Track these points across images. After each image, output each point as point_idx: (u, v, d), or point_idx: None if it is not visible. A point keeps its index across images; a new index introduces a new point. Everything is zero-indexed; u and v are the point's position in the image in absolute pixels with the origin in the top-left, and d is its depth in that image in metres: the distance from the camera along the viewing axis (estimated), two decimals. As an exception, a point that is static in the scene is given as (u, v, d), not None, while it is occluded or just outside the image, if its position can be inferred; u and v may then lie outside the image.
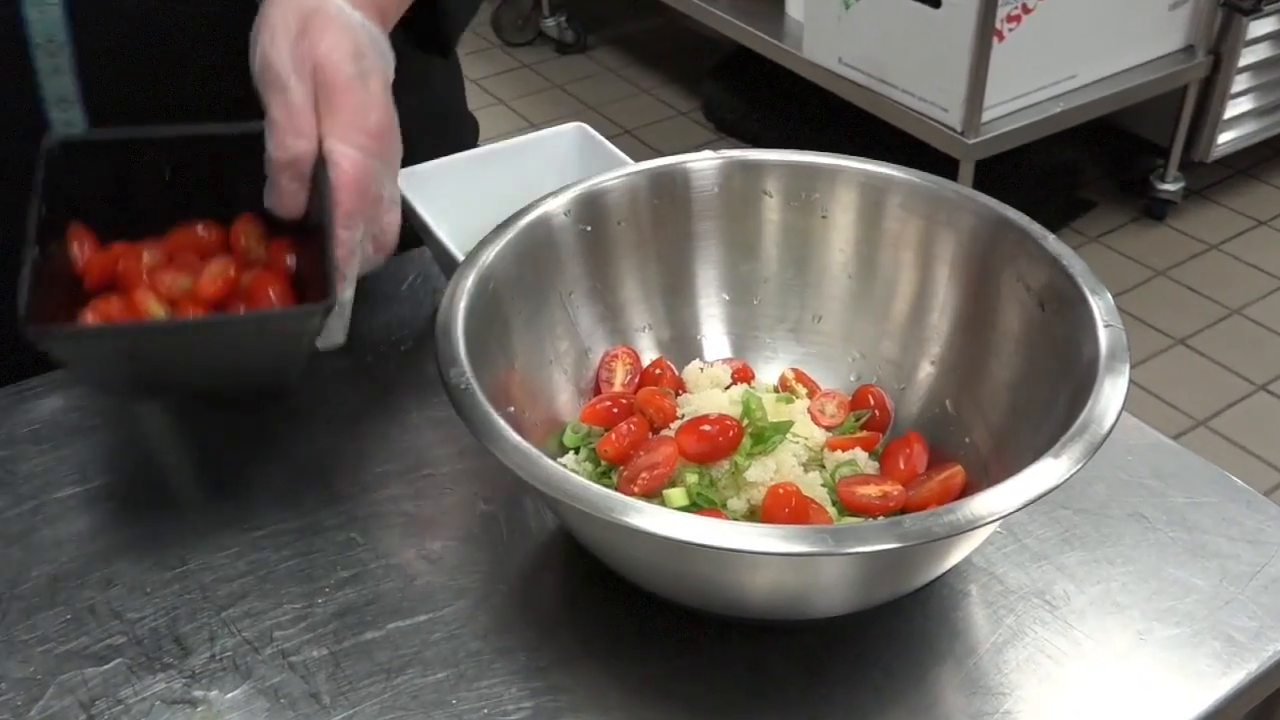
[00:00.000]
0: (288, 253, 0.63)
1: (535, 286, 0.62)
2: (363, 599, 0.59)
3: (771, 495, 0.57)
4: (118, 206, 0.63)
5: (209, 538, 0.62)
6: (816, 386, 0.67)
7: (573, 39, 3.10)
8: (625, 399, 0.64)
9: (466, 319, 0.56)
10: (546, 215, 0.62)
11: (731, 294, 0.67)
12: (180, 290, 0.60)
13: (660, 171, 0.64)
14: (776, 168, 0.65)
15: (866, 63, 2.15)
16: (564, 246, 0.63)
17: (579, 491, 0.48)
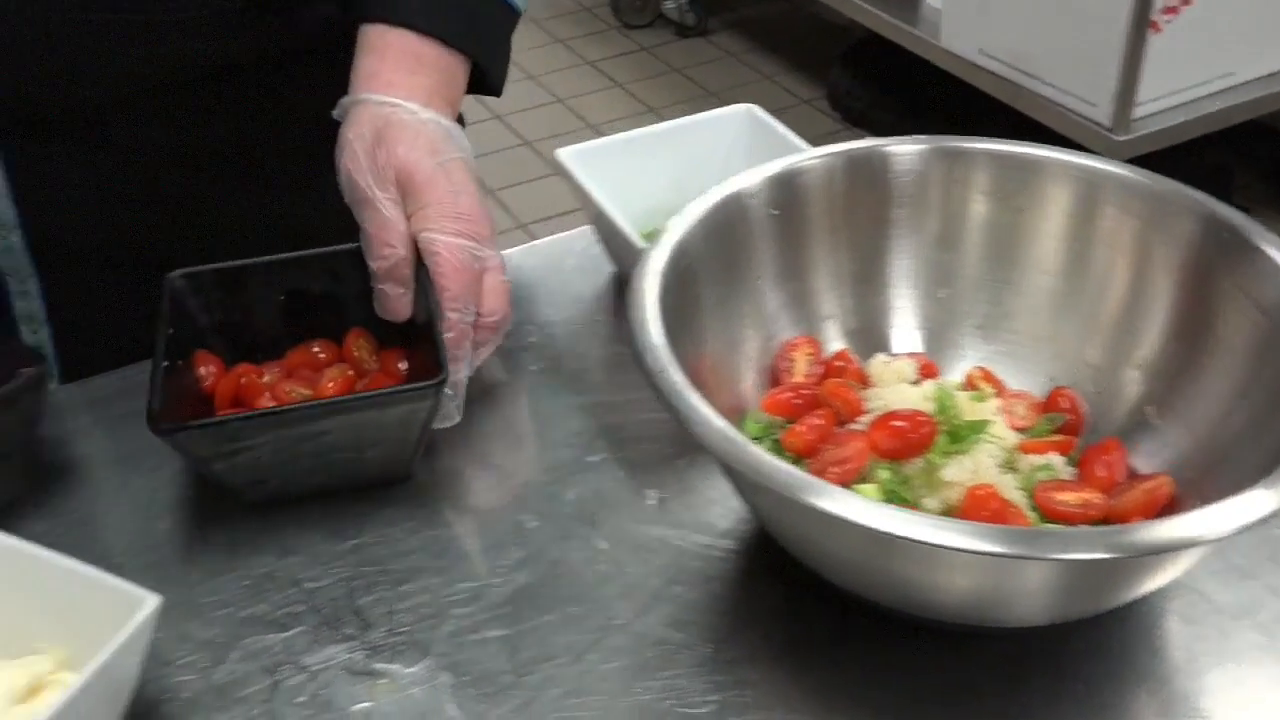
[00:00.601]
0: (399, 360, 0.68)
1: (726, 267, 0.61)
2: (538, 581, 0.60)
3: (971, 497, 0.56)
4: (238, 331, 0.68)
5: (382, 512, 0.63)
6: (1004, 386, 0.66)
7: (693, 22, 3.10)
8: (808, 390, 0.63)
9: (661, 298, 0.56)
10: (740, 194, 0.62)
11: (922, 286, 0.66)
12: (301, 398, 0.65)
13: (859, 154, 0.64)
14: (983, 157, 0.64)
15: (1009, 53, 2.11)
16: (756, 227, 0.62)
17: (789, 479, 0.47)
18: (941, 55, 2.26)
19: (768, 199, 0.62)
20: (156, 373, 0.61)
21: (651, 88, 2.95)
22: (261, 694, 0.55)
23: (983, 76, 2.17)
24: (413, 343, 0.67)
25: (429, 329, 0.63)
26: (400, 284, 0.65)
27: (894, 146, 0.64)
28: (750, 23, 3.17)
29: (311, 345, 0.68)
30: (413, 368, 0.67)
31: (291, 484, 0.63)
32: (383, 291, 0.65)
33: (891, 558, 0.51)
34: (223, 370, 0.66)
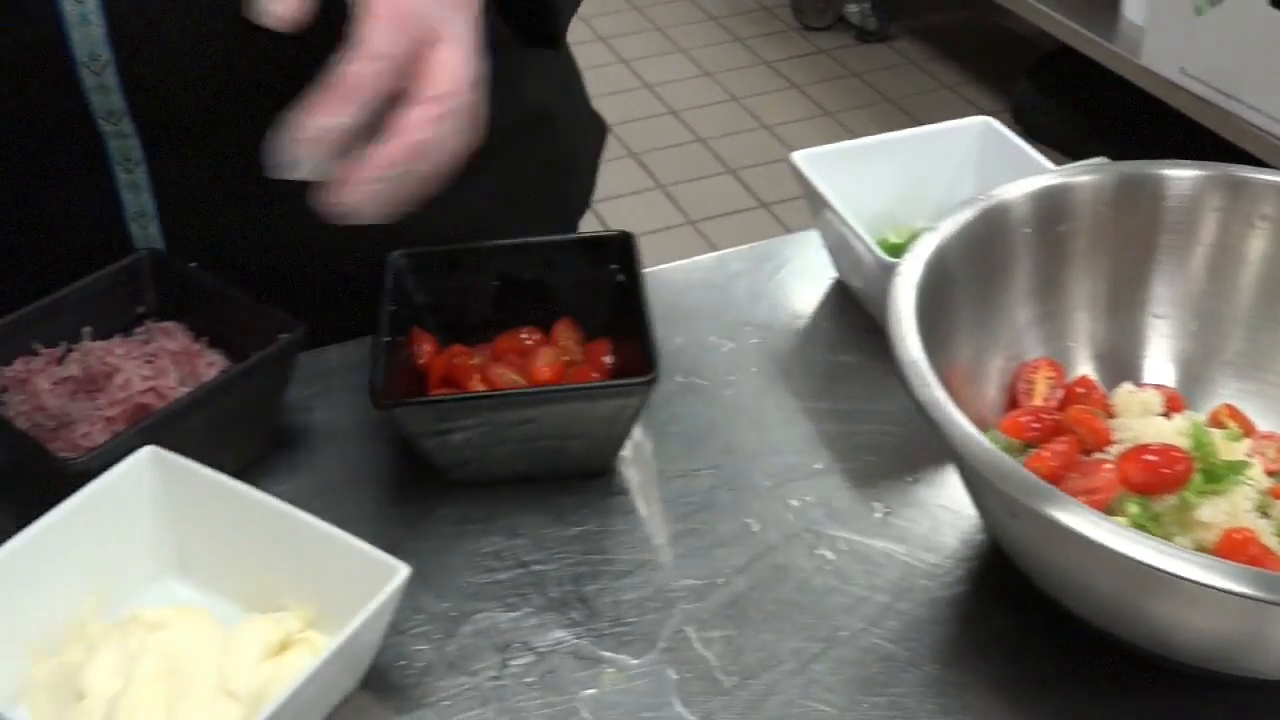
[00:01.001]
0: (605, 353, 0.68)
1: (982, 281, 0.61)
2: (763, 585, 0.60)
3: (1227, 540, 0.54)
4: (451, 312, 0.70)
5: (606, 501, 0.64)
6: (1253, 427, 0.64)
7: (875, 27, 3.07)
8: (1050, 415, 0.62)
9: (918, 310, 0.55)
10: (1002, 207, 0.61)
11: (1179, 318, 0.64)
12: (509, 381, 0.66)
13: (1131, 176, 0.62)
14: (1269, 190, 0.61)
15: (1214, 75, 2.03)
16: (1015, 242, 0.61)
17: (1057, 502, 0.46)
18: (1139, 73, 2.19)
19: (1030, 214, 0.61)
20: (378, 348, 0.62)
21: (828, 91, 2.93)
22: (491, 669, 0.56)
23: (1185, 98, 2.10)
24: (620, 336, 0.68)
25: (640, 324, 0.64)
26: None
27: (1170, 170, 0.62)
28: (933, 30, 3.12)
29: (519, 331, 0.70)
30: (618, 362, 0.67)
31: (494, 467, 0.64)
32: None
33: (1145, 592, 0.49)
34: (436, 349, 0.68)
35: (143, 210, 0.72)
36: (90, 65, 0.67)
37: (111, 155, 0.71)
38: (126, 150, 0.70)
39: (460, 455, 0.63)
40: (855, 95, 2.91)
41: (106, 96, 0.68)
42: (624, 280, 0.68)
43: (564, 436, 0.62)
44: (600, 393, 0.61)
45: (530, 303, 0.70)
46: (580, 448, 0.63)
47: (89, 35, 0.66)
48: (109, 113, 0.68)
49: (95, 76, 0.67)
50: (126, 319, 0.67)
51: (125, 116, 0.69)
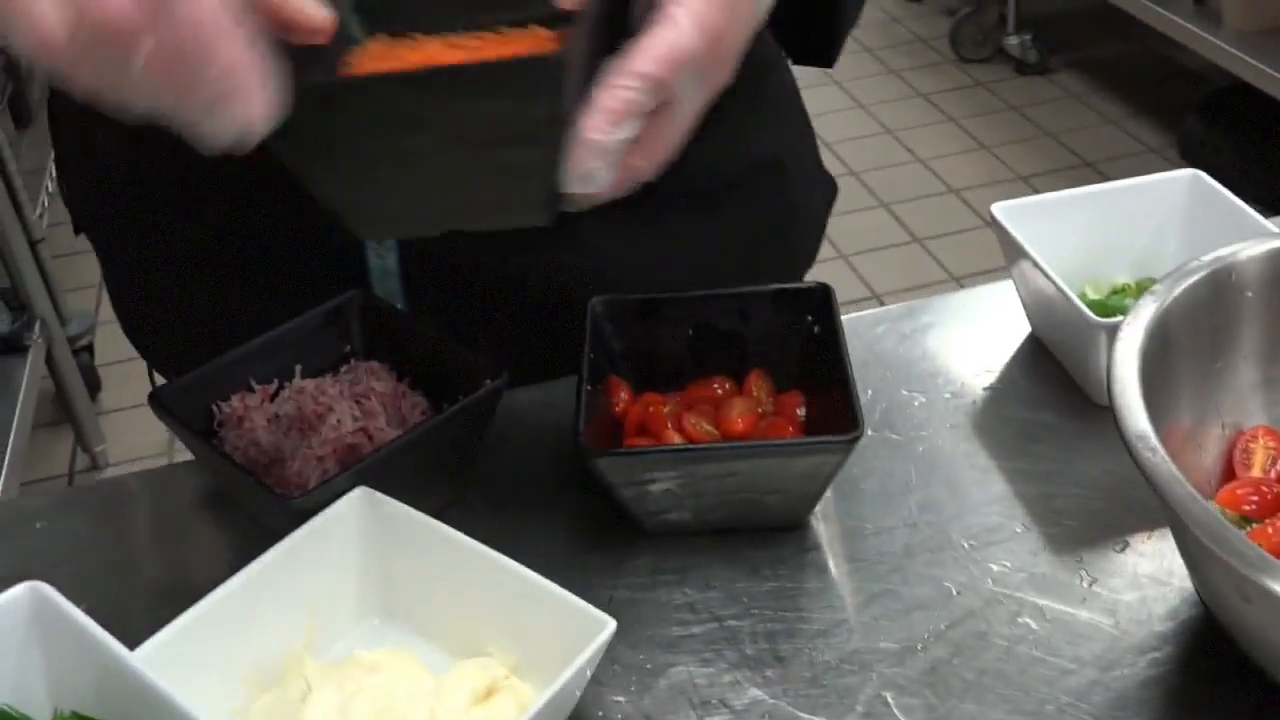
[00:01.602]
0: (798, 405, 0.67)
1: (1205, 344, 0.59)
2: (964, 652, 0.58)
3: None
4: (646, 360, 0.70)
5: (800, 556, 0.64)
6: None
7: (1035, 59, 3.01)
8: (1271, 488, 0.59)
9: (1141, 376, 0.53)
10: (1226, 269, 0.59)
11: None
12: (702, 431, 0.66)
13: (1363, 240, 0.60)
14: None
15: None
16: (1240, 304, 0.59)
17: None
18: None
19: (1257, 276, 0.59)
20: (581, 395, 0.63)
21: (984, 124, 2.89)
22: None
23: (1372, 139, 2.01)
24: (813, 389, 0.67)
25: (839, 379, 0.63)
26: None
27: None
28: (1095, 63, 3.05)
29: (712, 380, 0.70)
30: (811, 415, 0.67)
31: (690, 519, 0.64)
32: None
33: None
34: (632, 397, 0.68)
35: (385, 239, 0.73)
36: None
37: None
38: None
39: (658, 505, 0.63)
40: (1014, 129, 2.85)
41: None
42: (819, 332, 0.68)
43: (761, 491, 0.62)
44: (802, 449, 0.60)
45: (723, 352, 0.70)
46: (776, 502, 0.63)
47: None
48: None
49: None
50: (334, 358, 0.69)
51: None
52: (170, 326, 0.81)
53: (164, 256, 0.78)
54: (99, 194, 0.81)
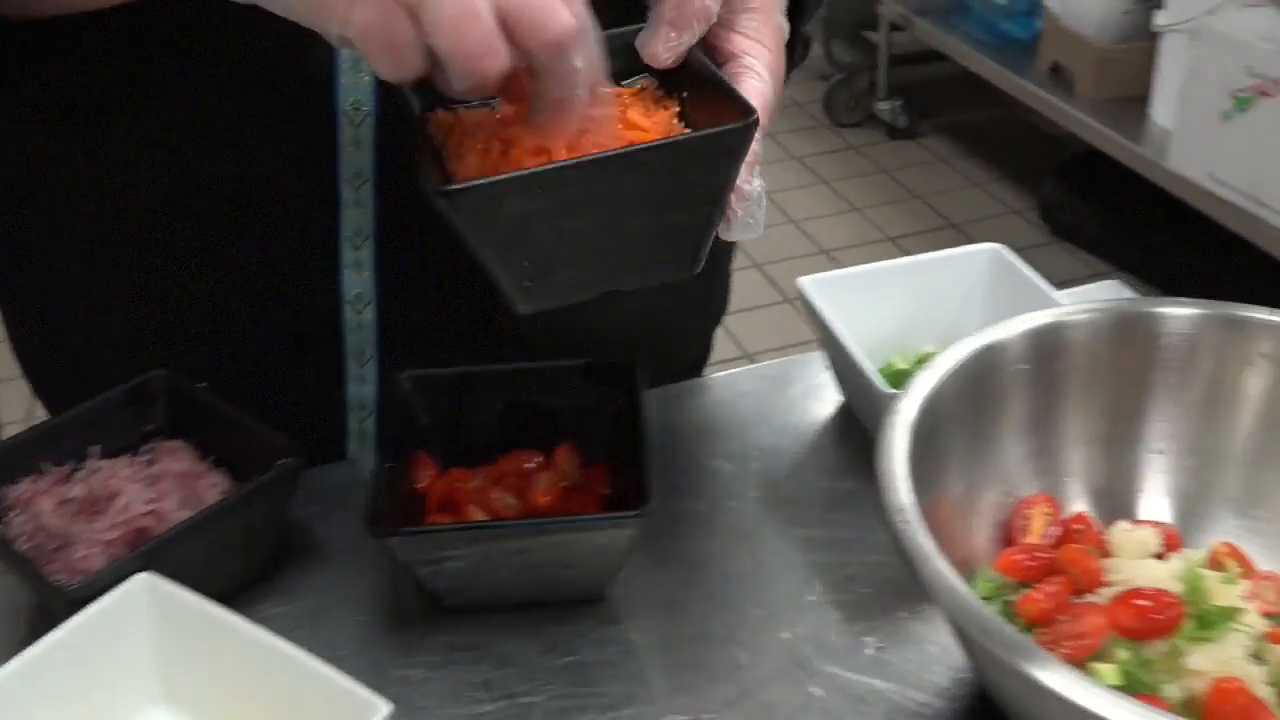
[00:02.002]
0: (605, 478, 0.68)
1: (974, 419, 0.61)
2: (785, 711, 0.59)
3: (1217, 690, 0.54)
4: (458, 435, 0.70)
5: (598, 631, 0.64)
6: (1252, 567, 0.63)
7: (905, 124, 3.10)
8: (1044, 554, 0.62)
9: (911, 451, 0.55)
10: (994, 347, 0.61)
11: (1176, 454, 0.64)
12: (506, 507, 0.66)
13: (1127, 313, 0.63)
14: (1265, 329, 0.61)
15: (1243, 181, 2.04)
16: (1007, 380, 0.62)
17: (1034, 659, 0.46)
18: (1167, 178, 2.20)
19: (1023, 353, 0.61)
20: (378, 474, 0.63)
21: (857, 187, 2.96)
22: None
23: (1213, 203, 2.10)
24: (623, 461, 0.68)
25: (638, 451, 0.64)
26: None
27: (1166, 309, 0.63)
28: (963, 128, 3.15)
29: (521, 454, 0.70)
30: (617, 488, 0.68)
31: (488, 595, 0.64)
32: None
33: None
34: (437, 473, 0.69)
35: (362, 293, 0.72)
36: (351, 116, 0.67)
37: (342, 228, 0.70)
38: (358, 223, 0.70)
39: (453, 583, 0.63)
40: (884, 191, 2.93)
41: (358, 154, 0.68)
42: (626, 405, 0.69)
43: (558, 565, 0.63)
44: (594, 524, 0.61)
45: (535, 426, 0.71)
46: (575, 576, 0.64)
47: (357, 83, 0.66)
48: (355, 174, 0.68)
49: (353, 129, 0.67)
50: (134, 437, 0.68)
51: (369, 183, 0.69)
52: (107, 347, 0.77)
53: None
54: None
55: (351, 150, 0.68)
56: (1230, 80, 2.00)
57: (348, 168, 0.69)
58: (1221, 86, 2.02)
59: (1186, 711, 0.55)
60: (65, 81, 0.67)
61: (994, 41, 2.71)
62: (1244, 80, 1.98)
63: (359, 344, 0.75)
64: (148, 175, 0.71)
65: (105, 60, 0.66)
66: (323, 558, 0.69)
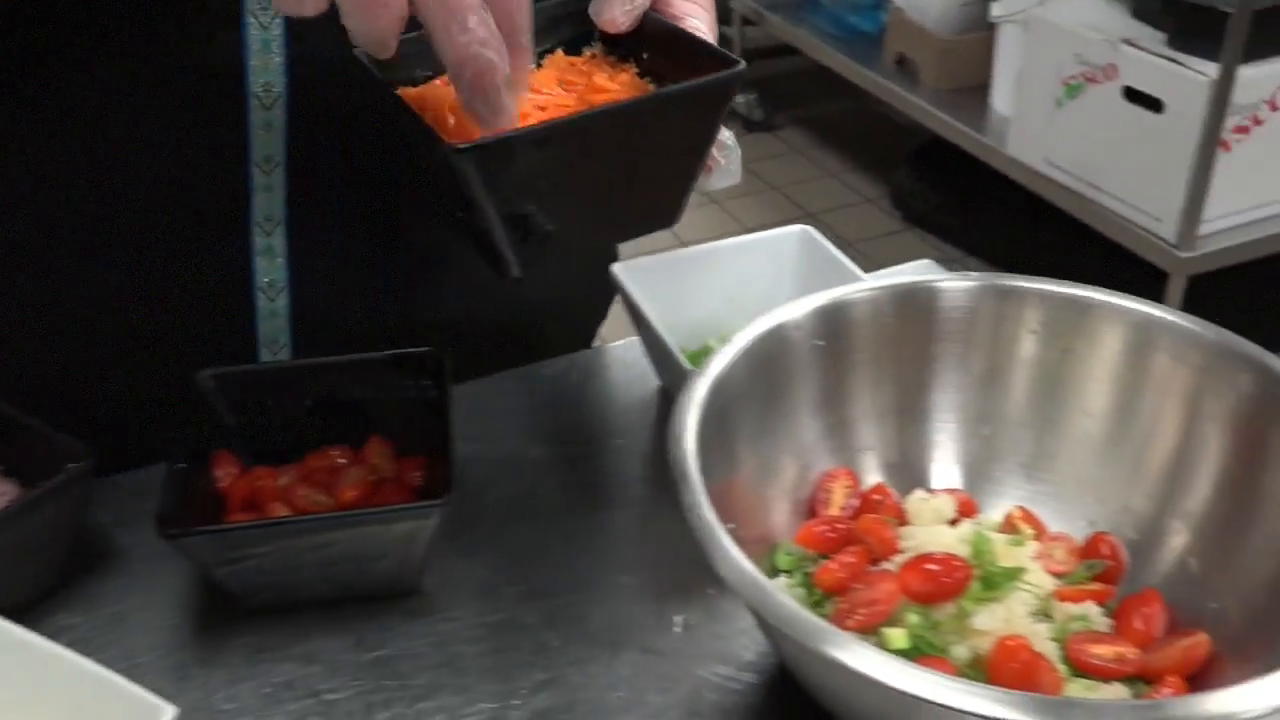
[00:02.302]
0: (417, 470, 0.68)
1: (766, 398, 0.62)
2: (558, 706, 0.59)
3: (1000, 648, 0.55)
4: (262, 433, 0.69)
5: (408, 624, 0.63)
6: (1044, 529, 0.65)
7: (761, 117, 3.14)
8: (844, 525, 0.63)
9: (700, 429, 0.56)
10: (785, 326, 0.62)
11: (964, 423, 0.66)
12: (314, 503, 0.65)
13: (907, 289, 0.64)
14: (1035, 297, 0.64)
15: (1076, 165, 2.11)
16: (798, 358, 0.63)
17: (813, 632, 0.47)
18: (1007, 163, 2.27)
19: (812, 331, 0.62)
20: (170, 474, 0.62)
21: (716, 180, 2.98)
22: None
23: (1048, 186, 2.17)
24: (436, 453, 0.67)
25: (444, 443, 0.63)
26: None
27: (944, 283, 0.64)
28: (818, 120, 3.20)
29: (331, 450, 0.69)
30: (429, 479, 0.67)
31: (292, 593, 0.63)
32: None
33: (914, 714, 0.50)
34: (240, 472, 0.67)
35: (275, 279, 0.71)
36: (262, 98, 0.66)
37: (253, 212, 0.69)
38: (270, 208, 0.69)
39: (254, 583, 0.62)
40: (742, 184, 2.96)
41: (269, 136, 0.67)
42: (436, 396, 0.68)
43: (362, 559, 0.62)
44: (394, 516, 0.60)
45: (346, 421, 0.70)
46: (382, 569, 0.63)
47: (267, 64, 0.65)
48: (266, 158, 0.67)
49: (264, 112, 0.66)
50: (-83, 448, 0.65)
51: (280, 166, 0.68)
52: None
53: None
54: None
55: (262, 133, 0.67)
56: (1061, 68, 2.07)
57: (258, 151, 0.68)
58: (1053, 75, 2.09)
59: (974, 670, 0.56)
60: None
61: (842, 35, 2.76)
62: (1074, 68, 2.05)
63: (272, 332, 0.74)
64: (52, 165, 0.69)
65: (2, 51, 0.65)
66: (124, 564, 0.67)
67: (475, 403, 0.78)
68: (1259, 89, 1.88)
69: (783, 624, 0.48)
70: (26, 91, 0.67)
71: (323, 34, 0.65)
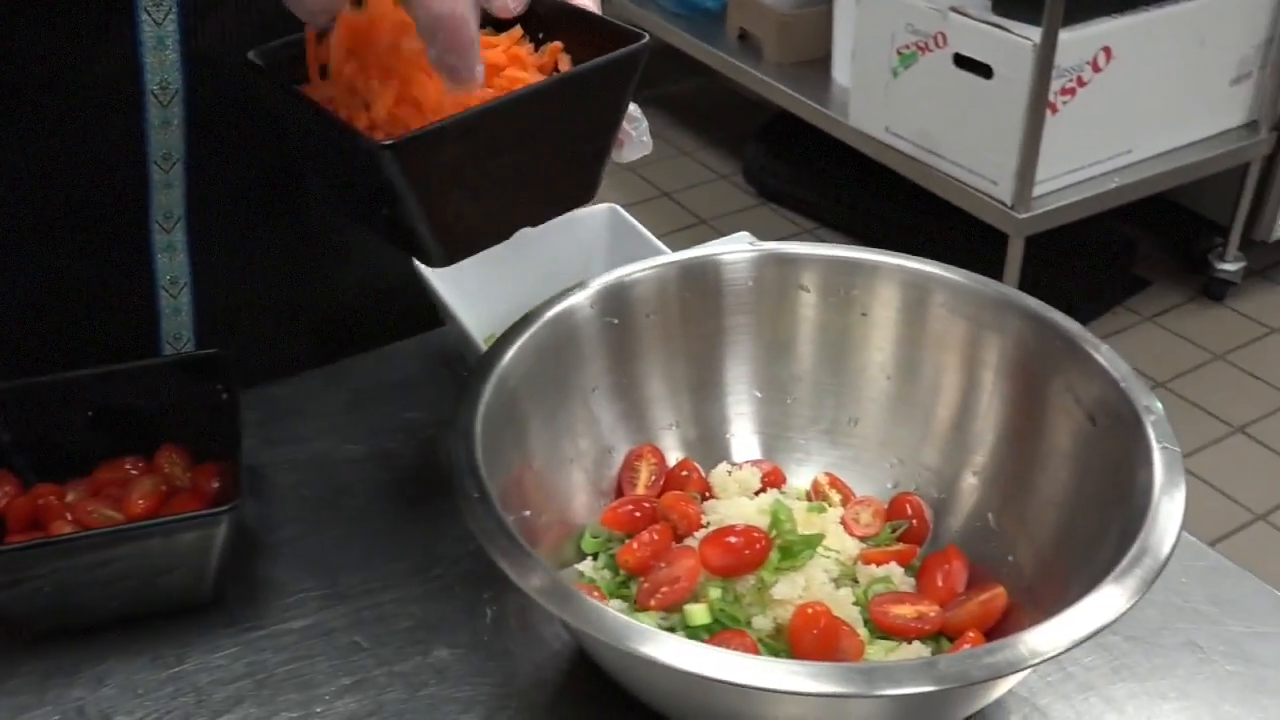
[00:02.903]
0: (213, 477, 0.65)
1: (556, 383, 0.61)
2: (364, 710, 0.58)
3: (800, 615, 0.55)
4: (42, 449, 0.65)
5: (206, 636, 0.61)
6: (851, 493, 0.66)
7: (613, 98, 3.13)
8: (648, 503, 0.62)
9: (484, 421, 0.55)
10: (571, 309, 0.61)
11: (763, 392, 0.66)
12: (103, 518, 0.62)
13: (691, 264, 0.64)
14: (814, 262, 0.64)
15: (914, 132, 2.15)
16: (588, 341, 0.62)
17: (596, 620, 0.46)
18: (851, 134, 2.30)
19: (601, 311, 0.61)
20: None
21: (570, 164, 2.97)
22: (59, 841, 0.52)
23: (891, 155, 2.21)
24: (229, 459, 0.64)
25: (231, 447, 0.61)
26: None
27: (726, 255, 0.64)
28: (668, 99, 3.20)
29: (123, 461, 0.66)
30: (224, 487, 0.65)
31: (79, 614, 0.60)
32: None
33: (711, 695, 0.49)
34: (19, 491, 0.64)
35: (176, 276, 0.71)
36: (159, 95, 0.65)
37: (152, 210, 0.69)
38: (169, 205, 0.69)
39: (36, 605, 0.59)
40: (597, 166, 2.95)
41: (167, 133, 0.66)
42: (227, 400, 0.66)
43: (149, 574, 0.59)
44: (176, 526, 0.58)
45: (134, 430, 0.67)
46: (173, 582, 0.60)
47: (163, 60, 0.64)
48: (164, 155, 0.67)
49: (161, 109, 0.66)
50: None
51: (179, 163, 0.67)
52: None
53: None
54: None
55: (160, 131, 0.67)
56: (894, 38, 2.10)
57: (157, 149, 0.68)
58: (887, 44, 2.12)
59: (776, 639, 0.56)
60: None
61: (685, 13, 2.76)
62: (906, 37, 2.08)
63: (175, 329, 0.74)
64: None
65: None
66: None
67: (285, 403, 0.76)
68: (1080, 51, 1.93)
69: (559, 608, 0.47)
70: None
71: (218, 30, 0.65)
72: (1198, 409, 2.07)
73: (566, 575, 0.60)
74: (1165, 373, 2.13)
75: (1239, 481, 1.93)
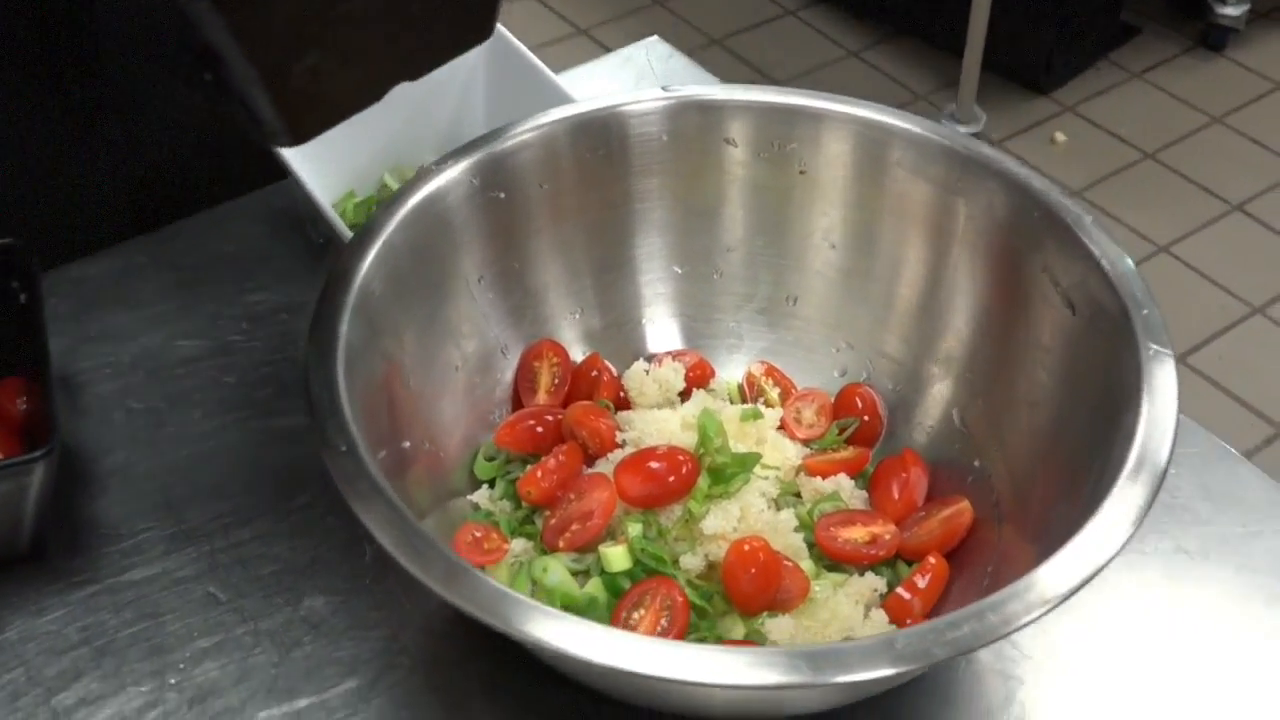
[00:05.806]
0: (19, 396, 0.63)
1: (433, 279, 0.59)
2: (228, 678, 0.58)
3: (734, 552, 0.56)
4: None
5: (30, 594, 0.61)
6: (792, 385, 0.66)
7: None
8: (552, 414, 0.62)
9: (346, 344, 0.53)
10: (445, 186, 0.59)
11: (684, 267, 0.65)
12: None
13: (588, 119, 0.62)
14: (742, 110, 0.62)
15: None
16: (468, 222, 0.60)
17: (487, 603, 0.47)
18: None
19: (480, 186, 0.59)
20: None
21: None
22: None
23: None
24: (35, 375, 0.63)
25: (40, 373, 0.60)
26: None
27: (632, 106, 0.62)
28: None
29: None
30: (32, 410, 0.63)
31: None
32: None
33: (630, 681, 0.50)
34: None
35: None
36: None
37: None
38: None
39: None
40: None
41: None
42: (27, 302, 0.64)
43: None
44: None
45: None
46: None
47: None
48: None
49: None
50: None
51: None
52: None
53: None
54: None
55: None
56: None
57: None
58: None
59: (708, 579, 0.57)
60: None
61: None
62: None
63: None
64: None
65: None
66: None
67: (100, 288, 0.74)
68: None
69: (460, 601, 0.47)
70: None
71: None
72: (1190, 184, 2.09)
73: (457, 509, 0.60)
74: (1154, 141, 2.15)
75: (1238, 267, 1.96)
